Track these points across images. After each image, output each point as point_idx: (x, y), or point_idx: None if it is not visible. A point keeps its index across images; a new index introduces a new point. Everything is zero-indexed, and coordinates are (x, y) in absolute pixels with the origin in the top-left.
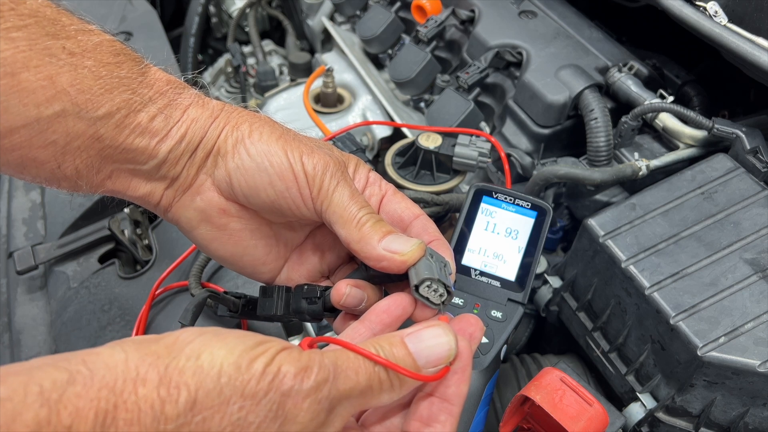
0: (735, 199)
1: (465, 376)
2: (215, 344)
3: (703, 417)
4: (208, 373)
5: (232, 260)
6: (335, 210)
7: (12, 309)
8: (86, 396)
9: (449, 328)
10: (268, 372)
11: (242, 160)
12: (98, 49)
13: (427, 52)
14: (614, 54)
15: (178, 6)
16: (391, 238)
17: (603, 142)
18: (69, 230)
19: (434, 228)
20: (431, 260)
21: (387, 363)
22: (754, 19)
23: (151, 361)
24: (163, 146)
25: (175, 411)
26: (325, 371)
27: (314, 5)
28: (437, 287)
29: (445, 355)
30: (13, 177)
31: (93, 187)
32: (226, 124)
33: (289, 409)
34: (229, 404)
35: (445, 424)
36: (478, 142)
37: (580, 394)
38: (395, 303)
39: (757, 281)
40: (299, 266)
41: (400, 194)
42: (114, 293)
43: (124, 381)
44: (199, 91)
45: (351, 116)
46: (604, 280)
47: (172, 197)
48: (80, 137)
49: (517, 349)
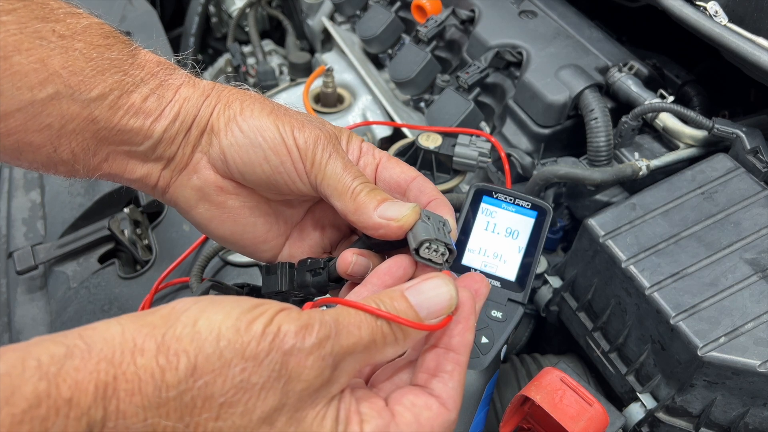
0: (735, 199)
1: (469, 324)
2: (211, 310)
3: (704, 417)
4: (207, 337)
5: (232, 239)
6: (329, 182)
7: (12, 309)
8: (85, 369)
9: (449, 279)
10: (268, 332)
11: (235, 137)
12: (88, 32)
13: (427, 52)
14: (614, 54)
15: (178, 6)
16: (386, 205)
17: (603, 142)
18: (69, 230)
19: (431, 188)
20: (428, 222)
21: (389, 315)
22: (754, 19)
23: (147, 331)
24: (158, 126)
25: (175, 378)
26: (326, 328)
27: (314, 5)
28: (437, 246)
29: (446, 304)
30: (10, 164)
31: (90, 170)
32: (217, 102)
33: (293, 368)
34: (231, 367)
35: (453, 374)
36: (478, 142)
37: (580, 394)
38: (396, 264)
39: (757, 281)
40: (301, 243)
41: (394, 160)
42: (114, 293)
43: (122, 352)
44: (189, 72)
45: (351, 116)
46: (605, 280)
47: (169, 178)
48: (75, 119)
49: (517, 349)
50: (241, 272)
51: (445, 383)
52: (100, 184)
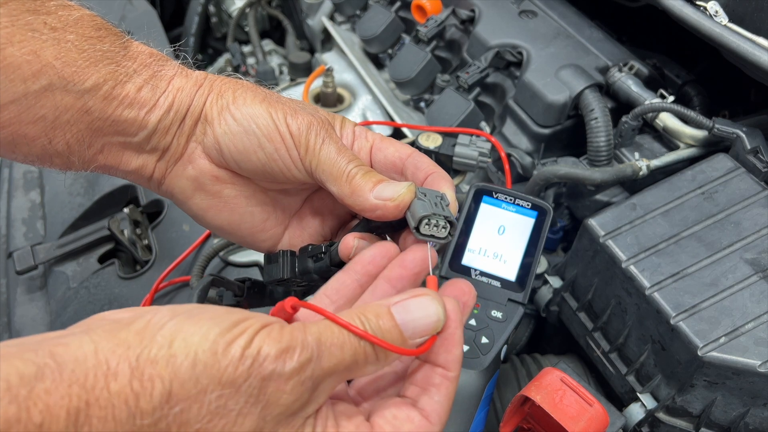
0: (735, 199)
1: (454, 340)
2: (188, 328)
3: (704, 417)
4: (182, 362)
5: (230, 229)
6: (324, 168)
7: (11, 309)
8: (56, 392)
9: (436, 296)
10: (247, 356)
11: (229, 126)
12: (79, 24)
13: (427, 52)
14: (614, 54)
15: (178, 6)
16: (382, 186)
17: (603, 142)
18: (69, 230)
19: (427, 162)
20: (425, 198)
21: (373, 339)
22: (754, 19)
23: (121, 352)
24: (152, 116)
25: (150, 405)
26: (308, 351)
27: (314, 5)
28: (437, 221)
29: (432, 325)
30: (6, 157)
31: (85, 162)
32: (210, 91)
33: (272, 393)
34: (207, 393)
35: (440, 387)
36: (479, 141)
37: (581, 394)
38: (380, 252)
39: (757, 281)
40: (301, 231)
41: (387, 140)
42: (114, 293)
43: (95, 376)
44: (181, 63)
45: (351, 116)
46: (605, 280)
47: (165, 169)
48: (69, 111)
49: (517, 349)
50: (241, 272)
51: (430, 396)
52: (100, 185)
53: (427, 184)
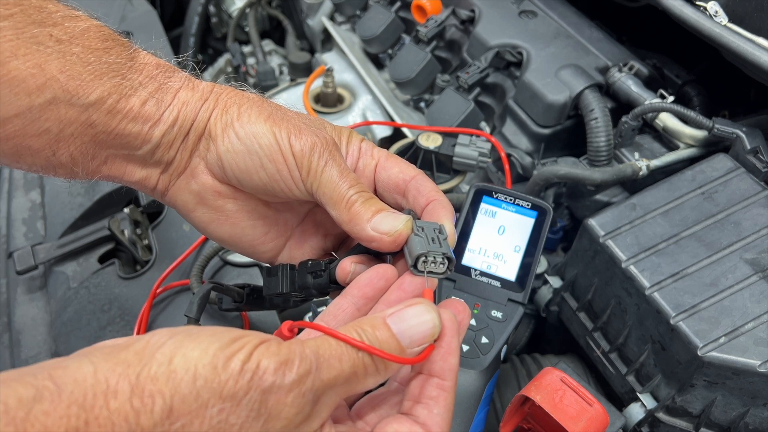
0: (735, 199)
1: (450, 348)
2: (188, 345)
3: (704, 417)
4: (183, 377)
5: (231, 241)
6: (325, 191)
7: (12, 309)
8: (54, 413)
9: (431, 305)
10: (247, 369)
11: (232, 144)
12: (86, 35)
13: (427, 52)
14: (614, 54)
15: (178, 6)
16: (380, 217)
17: (603, 142)
18: (69, 230)
19: (430, 187)
20: (422, 233)
21: (370, 349)
22: (754, 19)
23: (121, 370)
24: (156, 131)
25: (151, 421)
26: (307, 363)
27: (314, 5)
28: (434, 258)
29: (429, 333)
30: (9, 167)
31: (89, 173)
32: (215, 106)
33: (273, 406)
34: (208, 408)
35: (438, 399)
36: (479, 142)
37: (581, 394)
38: (377, 275)
39: (757, 281)
40: (302, 245)
41: (393, 158)
42: (114, 293)
43: (94, 395)
44: (189, 73)
45: (351, 116)
46: (605, 280)
47: (168, 181)
48: (73, 124)
49: (517, 349)
50: (241, 272)
51: (430, 410)
52: (100, 185)
53: (427, 211)
